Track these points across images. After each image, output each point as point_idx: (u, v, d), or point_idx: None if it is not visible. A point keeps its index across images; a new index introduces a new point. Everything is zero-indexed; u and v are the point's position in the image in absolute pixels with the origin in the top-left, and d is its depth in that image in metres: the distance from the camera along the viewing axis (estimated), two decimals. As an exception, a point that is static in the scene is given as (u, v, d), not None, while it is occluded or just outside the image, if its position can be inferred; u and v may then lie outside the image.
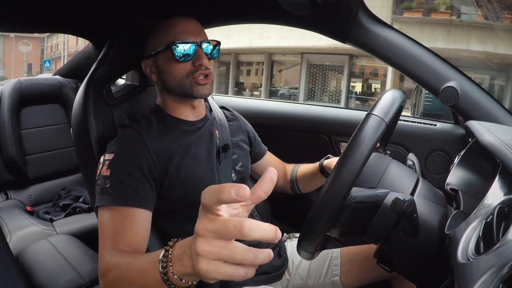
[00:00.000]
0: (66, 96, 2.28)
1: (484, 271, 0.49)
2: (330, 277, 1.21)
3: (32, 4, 1.07)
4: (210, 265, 0.51)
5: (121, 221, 0.89)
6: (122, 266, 0.76)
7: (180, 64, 1.02)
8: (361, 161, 0.72)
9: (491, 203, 0.68)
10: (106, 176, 0.93)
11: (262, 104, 1.95)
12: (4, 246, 0.85)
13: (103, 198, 0.92)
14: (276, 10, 1.23)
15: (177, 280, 0.61)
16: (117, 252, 0.84)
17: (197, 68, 1.03)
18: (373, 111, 0.78)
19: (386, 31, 1.24)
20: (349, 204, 0.79)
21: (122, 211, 0.90)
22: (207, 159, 1.09)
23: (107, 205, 0.91)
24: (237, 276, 0.52)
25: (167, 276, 0.62)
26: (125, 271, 0.74)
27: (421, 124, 1.53)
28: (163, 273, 0.62)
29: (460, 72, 1.22)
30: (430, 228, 0.80)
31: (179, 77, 1.04)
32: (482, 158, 0.93)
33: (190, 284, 0.62)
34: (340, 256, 1.22)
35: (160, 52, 1.04)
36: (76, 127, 1.11)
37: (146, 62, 1.09)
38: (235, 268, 0.52)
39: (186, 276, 0.60)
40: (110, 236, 0.87)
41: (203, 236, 0.52)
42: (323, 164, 1.26)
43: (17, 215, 1.87)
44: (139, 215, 0.91)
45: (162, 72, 1.06)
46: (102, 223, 0.90)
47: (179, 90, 1.06)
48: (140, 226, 0.90)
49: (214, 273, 0.51)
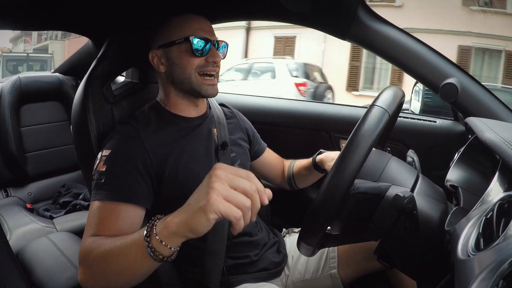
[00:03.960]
0: (66, 93, 2.27)
1: (484, 267, 0.49)
2: (328, 270, 1.21)
3: (31, 2, 1.06)
4: (219, 198, 0.64)
5: (107, 214, 0.90)
6: (106, 243, 0.80)
7: (195, 58, 1.04)
8: (365, 151, 0.72)
9: (491, 199, 0.68)
10: (101, 172, 0.94)
11: (261, 101, 1.95)
12: (4, 244, 0.86)
13: (97, 193, 0.93)
14: (276, 7, 1.22)
15: (158, 242, 0.71)
16: (100, 236, 0.86)
17: (207, 64, 1.05)
18: (376, 102, 0.79)
19: (386, 28, 1.24)
20: (353, 194, 0.79)
21: (111, 205, 0.91)
22: (205, 157, 1.09)
23: (101, 200, 0.92)
24: (236, 215, 0.64)
25: (149, 238, 0.71)
26: (108, 248, 0.79)
27: (421, 121, 1.53)
28: (147, 236, 0.72)
29: (459, 69, 1.22)
30: (430, 225, 0.80)
31: (189, 70, 1.05)
32: (482, 155, 0.94)
33: (170, 250, 0.71)
34: (337, 248, 1.23)
35: (175, 43, 1.04)
36: (75, 124, 1.11)
37: (155, 52, 1.08)
38: (236, 210, 0.64)
39: (168, 237, 0.70)
40: (93, 226, 0.89)
41: (220, 177, 0.65)
42: (316, 160, 1.27)
43: (17, 213, 1.87)
44: (127, 211, 0.92)
45: (173, 63, 1.06)
46: (90, 213, 0.92)
47: (187, 85, 1.06)
48: (125, 221, 0.91)
49: (219, 204, 0.63)
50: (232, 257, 1.10)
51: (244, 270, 1.11)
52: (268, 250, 1.19)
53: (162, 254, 0.72)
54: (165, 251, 0.72)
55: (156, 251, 0.72)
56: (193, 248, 1.06)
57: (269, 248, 1.19)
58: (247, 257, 1.12)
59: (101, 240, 0.84)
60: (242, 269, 1.11)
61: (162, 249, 0.71)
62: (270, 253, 1.18)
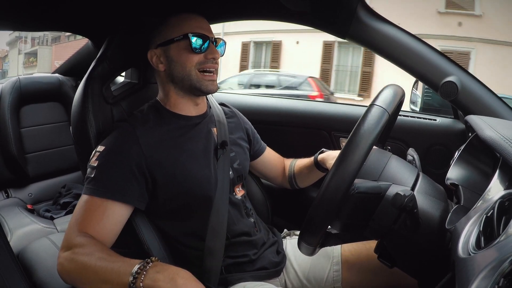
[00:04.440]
0: (66, 94, 2.27)
1: (485, 265, 0.49)
2: (332, 283, 1.18)
3: (31, 3, 1.06)
4: None
5: (92, 210, 0.92)
6: (93, 257, 0.82)
7: (194, 55, 1.04)
8: (365, 151, 0.72)
9: (492, 197, 0.68)
10: (93, 167, 0.96)
11: (261, 101, 1.95)
12: (5, 245, 0.86)
13: (86, 188, 0.95)
14: (275, 6, 1.22)
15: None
16: (88, 235, 0.88)
17: (207, 61, 1.06)
18: (376, 101, 0.79)
19: (386, 27, 1.23)
20: (353, 194, 0.79)
21: (97, 201, 0.92)
22: (203, 156, 1.09)
23: (88, 195, 0.93)
24: None
25: (135, 280, 0.73)
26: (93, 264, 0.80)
27: (421, 119, 1.53)
28: (134, 278, 0.74)
29: (459, 67, 1.22)
30: (431, 223, 0.80)
31: (188, 67, 1.05)
32: (482, 153, 0.93)
33: None
34: (341, 261, 1.19)
35: (174, 41, 1.05)
36: (75, 125, 1.11)
37: (154, 51, 1.09)
38: None
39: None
40: (78, 220, 0.91)
41: None
42: (317, 159, 1.26)
43: (18, 214, 1.86)
44: (112, 208, 0.93)
45: (172, 61, 1.06)
46: (78, 206, 0.94)
47: (187, 82, 1.06)
48: (109, 219, 0.92)
49: None
50: (231, 256, 1.10)
51: (242, 269, 1.11)
52: (267, 249, 1.18)
53: None
54: None
55: None
56: (191, 248, 1.05)
57: (268, 248, 1.19)
58: (245, 256, 1.12)
59: (89, 248, 0.85)
60: (240, 267, 1.11)
61: None
62: (269, 253, 1.18)
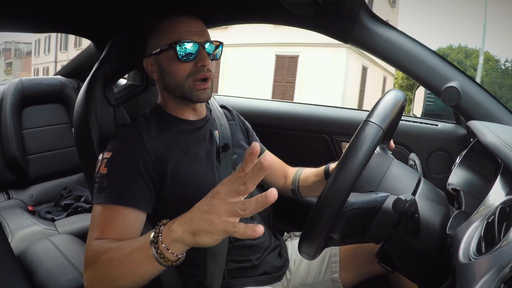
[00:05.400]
0: (68, 96, 2.28)
1: (486, 271, 0.49)
2: (330, 274, 1.21)
3: (33, 4, 1.07)
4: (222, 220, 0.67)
5: (111, 218, 0.91)
6: (113, 248, 0.82)
7: (183, 64, 1.02)
8: (358, 170, 0.72)
9: (493, 203, 0.68)
10: (103, 175, 0.94)
11: (262, 104, 1.95)
12: (6, 246, 0.86)
13: (100, 196, 0.93)
14: (277, 10, 1.23)
15: (163, 248, 0.73)
16: (105, 240, 0.87)
17: (199, 70, 1.02)
18: (370, 118, 0.77)
19: (388, 31, 1.23)
20: (346, 211, 0.79)
21: (115, 209, 0.92)
22: (206, 159, 1.09)
23: (102, 203, 0.92)
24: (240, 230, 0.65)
25: (156, 244, 0.74)
26: (115, 253, 0.80)
27: (423, 124, 1.53)
28: (153, 241, 0.74)
29: (461, 72, 1.22)
30: (432, 228, 0.80)
31: (180, 77, 1.03)
32: (483, 158, 0.93)
33: (175, 256, 0.74)
34: (339, 253, 1.22)
35: (163, 50, 1.03)
36: (77, 127, 1.12)
37: (148, 60, 1.08)
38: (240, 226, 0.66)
39: (172, 244, 0.73)
40: (98, 229, 0.90)
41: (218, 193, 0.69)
42: (329, 168, 1.21)
43: (19, 215, 1.87)
44: (130, 215, 0.92)
45: (163, 71, 1.05)
46: (93, 216, 0.93)
47: (179, 92, 1.05)
48: (128, 225, 0.92)
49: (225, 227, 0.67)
50: (234, 261, 1.10)
51: (245, 274, 1.11)
52: (270, 254, 1.18)
53: (168, 260, 0.74)
54: (171, 257, 0.74)
55: (163, 256, 0.74)
56: (194, 250, 1.05)
57: (271, 252, 1.19)
58: (248, 260, 1.12)
59: (106, 244, 0.84)
60: (243, 272, 1.11)
61: (168, 255, 0.74)
62: (272, 257, 1.18)
